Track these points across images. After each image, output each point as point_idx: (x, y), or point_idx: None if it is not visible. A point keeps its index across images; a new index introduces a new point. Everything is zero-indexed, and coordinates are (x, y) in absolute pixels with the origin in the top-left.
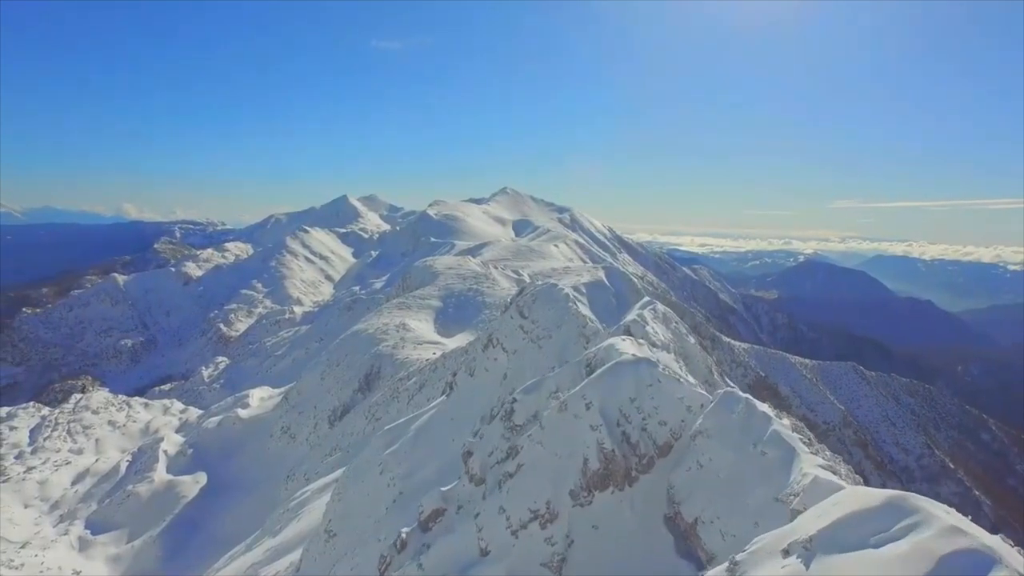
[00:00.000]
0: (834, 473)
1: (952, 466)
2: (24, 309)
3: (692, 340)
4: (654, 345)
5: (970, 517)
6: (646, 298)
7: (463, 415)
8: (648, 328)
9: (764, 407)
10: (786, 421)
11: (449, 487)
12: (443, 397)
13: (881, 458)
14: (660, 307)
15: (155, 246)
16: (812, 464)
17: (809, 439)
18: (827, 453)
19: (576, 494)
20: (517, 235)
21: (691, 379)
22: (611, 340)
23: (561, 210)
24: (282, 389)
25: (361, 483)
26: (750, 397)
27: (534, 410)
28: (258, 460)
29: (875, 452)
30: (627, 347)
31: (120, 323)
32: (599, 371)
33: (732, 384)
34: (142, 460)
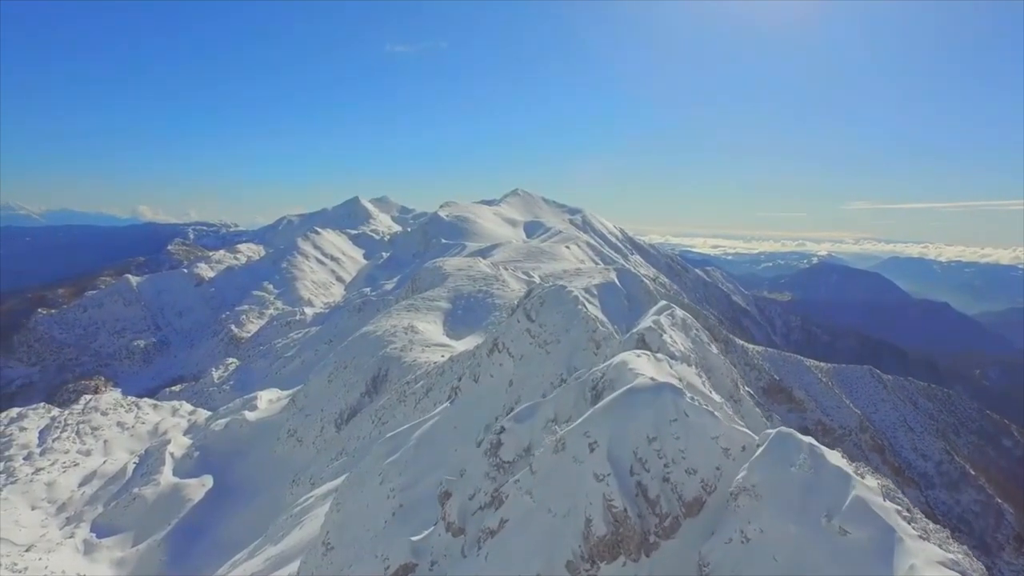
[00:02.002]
0: (962, 574)
1: (973, 473)
2: (39, 310)
3: (715, 350)
4: (673, 357)
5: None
6: (662, 302)
7: (466, 423)
8: (665, 337)
9: (838, 458)
10: (872, 481)
11: (422, 535)
12: (447, 404)
13: (899, 464)
14: (679, 312)
15: (168, 247)
16: (927, 559)
17: (908, 509)
18: (928, 525)
19: (575, 566)
20: (528, 236)
21: (716, 396)
22: (623, 356)
23: (573, 211)
24: (290, 391)
25: (360, 493)
26: (815, 443)
27: (527, 442)
28: (264, 463)
29: (892, 458)
30: (643, 366)
31: (133, 324)
32: (608, 399)
33: (754, 395)
34: (148, 462)
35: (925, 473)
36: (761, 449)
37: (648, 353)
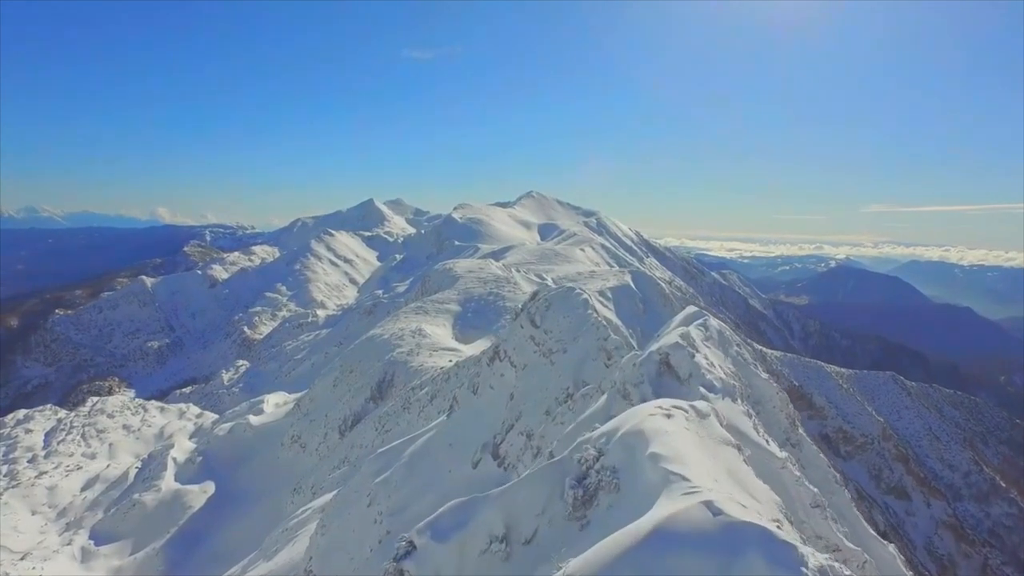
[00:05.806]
0: None
1: (1003, 484)
2: (57, 310)
3: (763, 373)
4: (711, 388)
5: None
6: (691, 308)
7: (462, 440)
8: (698, 357)
9: None
10: None
11: None
12: (443, 417)
13: (924, 474)
14: (713, 322)
15: (185, 249)
16: None
17: None
18: None
19: None
20: (543, 239)
21: (775, 448)
22: (640, 419)
23: (587, 214)
24: (296, 395)
25: (347, 515)
26: None
27: None
28: (268, 470)
29: (917, 468)
30: (678, 446)
31: (147, 325)
32: (611, 551)
33: (810, 437)
34: (151, 467)
35: (952, 484)
36: None
37: (684, 408)
